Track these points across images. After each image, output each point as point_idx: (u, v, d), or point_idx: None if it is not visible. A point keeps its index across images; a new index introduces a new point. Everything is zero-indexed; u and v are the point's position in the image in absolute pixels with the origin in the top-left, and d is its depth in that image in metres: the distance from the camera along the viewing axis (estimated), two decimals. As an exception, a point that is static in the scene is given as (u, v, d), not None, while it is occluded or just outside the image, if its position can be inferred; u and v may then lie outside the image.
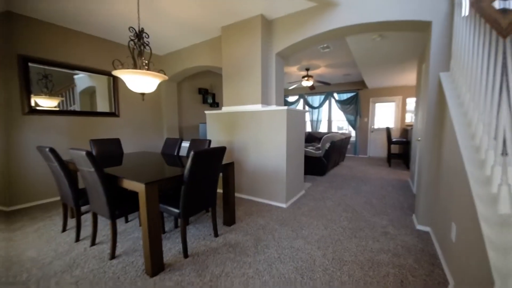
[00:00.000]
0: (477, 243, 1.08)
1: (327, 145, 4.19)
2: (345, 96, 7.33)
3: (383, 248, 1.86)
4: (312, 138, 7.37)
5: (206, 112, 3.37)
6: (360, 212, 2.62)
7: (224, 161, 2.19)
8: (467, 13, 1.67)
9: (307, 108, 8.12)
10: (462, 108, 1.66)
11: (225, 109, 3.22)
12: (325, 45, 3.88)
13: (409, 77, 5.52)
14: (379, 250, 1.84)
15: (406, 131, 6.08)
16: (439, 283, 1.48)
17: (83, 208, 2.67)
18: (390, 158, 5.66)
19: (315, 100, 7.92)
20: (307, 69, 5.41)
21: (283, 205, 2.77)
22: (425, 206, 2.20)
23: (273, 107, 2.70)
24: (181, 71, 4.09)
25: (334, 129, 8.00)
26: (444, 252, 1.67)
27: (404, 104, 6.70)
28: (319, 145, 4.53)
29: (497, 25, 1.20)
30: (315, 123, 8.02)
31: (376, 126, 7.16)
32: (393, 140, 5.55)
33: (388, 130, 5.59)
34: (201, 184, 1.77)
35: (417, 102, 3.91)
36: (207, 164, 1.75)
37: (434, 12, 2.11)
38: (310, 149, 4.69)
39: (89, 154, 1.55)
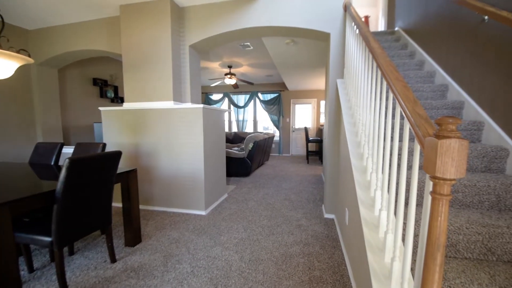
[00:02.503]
0: (358, 222, 1.38)
1: (250, 145, 4.42)
2: (268, 96, 7.96)
3: (296, 240, 2.11)
4: (239, 138, 7.61)
5: (101, 109, 2.88)
6: (279, 209, 2.88)
7: (124, 169, 1.93)
8: (354, 30, 2.13)
9: (232, 107, 8.32)
10: (351, 111, 2.09)
11: (127, 105, 2.86)
12: (245, 43, 4.08)
13: (321, 82, 6.57)
14: (293, 243, 2.07)
15: (320, 131, 7.20)
16: (338, 262, 1.80)
17: None
18: (308, 156, 6.55)
19: (240, 99, 8.22)
20: (230, 67, 5.54)
21: (203, 213, 2.71)
22: (330, 196, 2.65)
23: (188, 105, 2.60)
24: (63, 54, 3.34)
25: (260, 129, 8.55)
26: (342, 234, 2.06)
27: (318, 106, 7.90)
28: (244, 146, 4.73)
29: (367, 42, 1.56)
30: (241, 123, 8.32)
31: (297, 126, 8.12)
32: (310, 139, 6.45)
33: (306, 129, 6.45)
34: (84, 200, 1.48)
35: (325, 105, 4.69)
36: (93, 174, 1.48)
37: (331, 25, 2.57)
38: (234, 150, 4.81)
39: None
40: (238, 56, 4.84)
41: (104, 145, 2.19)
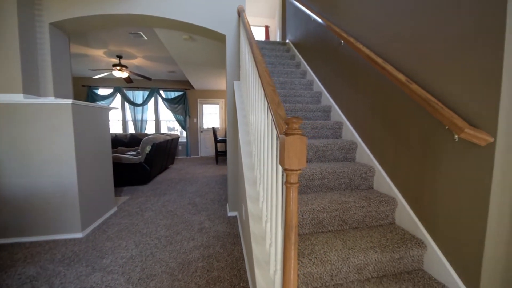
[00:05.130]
0: (247, 216, 1.50)
1: (148, 148, 4.02)
2: (173, 94, 7.50)
3: (197, 245, 2.09)
4: (137, 141, 6.78)
5: None
6: (181, 215, 2.76)
7: None
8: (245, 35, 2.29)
9: (127, 105, 7.32)
10: (244, 111, 2.26)
11: None
12: (137, 32, 3.65)
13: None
14: (193, 248, 2.03)
15: (227, 131, 7.44)
16: (237, 258, 1.90)
17: None
18: (217, 156, 6.63)
19: (138, 96, 7.35)
20: (120, 57, 4.84)
21: (79, 235, 2.23)
22: (232, 194, 2.77)
23: (49, 100, 2.06)
24: None
25: (164, 129, 7.94)
26: (242, 230, 2.19)
27: (226, 106, 8.14)
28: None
29: (251, 48, 1.72)
30: (140, 123, 7.45)
31: (205, 126, 8.06)
32: (219, 139, 6.55)
33: (214, 130, 6.50)
34: None
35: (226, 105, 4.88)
36: None
37: (227, 28, 2.68)
38: (128, 154, 4.25)
39: None
40: (129, 46, 4.29)
41: None
